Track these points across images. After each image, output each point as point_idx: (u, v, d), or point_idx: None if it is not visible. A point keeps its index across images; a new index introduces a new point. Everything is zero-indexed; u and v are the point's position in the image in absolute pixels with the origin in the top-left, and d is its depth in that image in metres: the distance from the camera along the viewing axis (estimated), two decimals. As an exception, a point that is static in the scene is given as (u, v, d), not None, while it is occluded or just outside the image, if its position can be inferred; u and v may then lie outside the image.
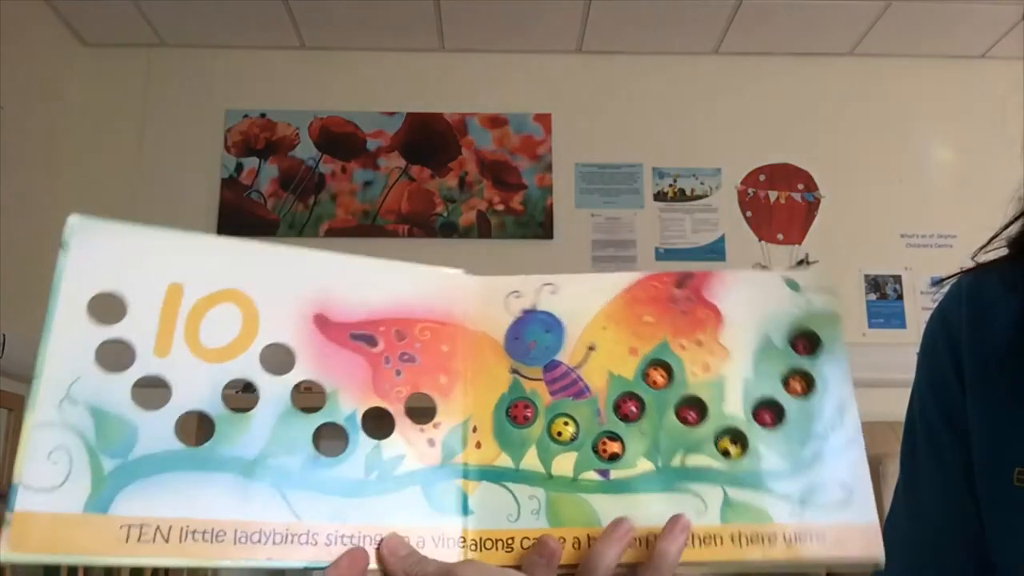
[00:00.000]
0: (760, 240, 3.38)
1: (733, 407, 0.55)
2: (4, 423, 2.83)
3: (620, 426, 0.55)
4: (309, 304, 0.53)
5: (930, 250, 3.35)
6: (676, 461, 0.54)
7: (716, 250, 3.37)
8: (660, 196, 3.41)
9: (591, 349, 0.56)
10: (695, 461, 0.54)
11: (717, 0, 3.18)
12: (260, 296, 0.52)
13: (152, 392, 0.50)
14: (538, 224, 3.34)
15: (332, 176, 3.36)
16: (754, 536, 0.52)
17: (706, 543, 0.52)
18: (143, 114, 3.40)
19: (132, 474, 0.47)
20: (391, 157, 3.39)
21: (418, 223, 3.33)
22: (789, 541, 0.52)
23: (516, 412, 0.55)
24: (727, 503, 0.53)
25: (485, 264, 0.55)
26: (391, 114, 3.43)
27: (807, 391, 0.56)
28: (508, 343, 0.56)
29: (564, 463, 0.54)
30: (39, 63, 3.17)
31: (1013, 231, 0.66)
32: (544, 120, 3.44)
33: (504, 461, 0.54)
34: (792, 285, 0.58)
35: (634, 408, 0.55)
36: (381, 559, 0.50)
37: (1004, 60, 3.44)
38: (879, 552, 0.52)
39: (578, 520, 0.53)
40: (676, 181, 3.43)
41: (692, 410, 0.55)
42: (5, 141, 2.89)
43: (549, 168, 3.40)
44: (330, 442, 0.53)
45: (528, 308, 0.57)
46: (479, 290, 0.57)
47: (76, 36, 3.38)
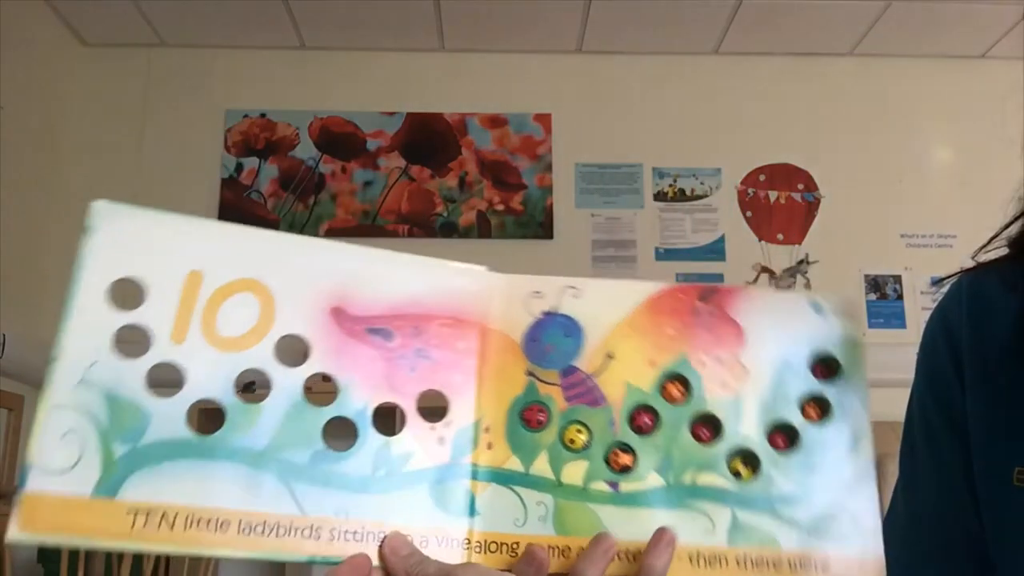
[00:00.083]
0: (760, 240, 3.38)
1: (748, 428, 0.54)
2: (4, 423, 2.83)
3: (634, 438, 0.54)
4: (327, 297, 0.52)
5: (930, 250, 3.35)
6: (687, 478, 0.53)
7: (716, 250, 3.37)
8: (660, 196, 3.41)
9: (610, 357, 0.55)
10: (706, 480, 0.53)
11: (717, 0, 3.18)
12: (279, 287, 0.52)
13: (166, 379, 0.50)
14: (538, 224, 3.34)
15: (332, 176, 3.36)
16: (760, 560, 0.51)
17: (711, 564, 0.51)
18: (143, 114, 3.40)
19: (142, 460, 0.47)
20: (391, 157, 3.39)
21: (418, 223, 3.33)
22: (794, 568, 0.51)
23: (530, 415, 0.54)
24: (735, 525, 0.52)
25: (485, 264, 0.55)
26: (391, 114, 3.43)
27: (823, 417, 0.55)
28: (526, 345, 0.55)
29: (574, 471, 0.53)
30: (39, 63, 3.17)
31: (1013, 231, 0.66)
32: (544, 120, 3.44)
33: (514, 464, 0.53)
34: (816, 308, 0.57)
35: (649, 421, 0.54)
36: (383, 557, 0.49)
37: (1004, 60, 3.44)
38: None
39: (584, 530, 0.52)
40: (676, 181, 3.43)
41: (707, 428, 0.54)
42: (5, 141, 2.89)
43: (549, 168, 3.40)
44: (339, 436, 0.52)
45: (549, 310, 0.56)
46: (501, 288, 0.56)
47: (76, 36, 3.38)
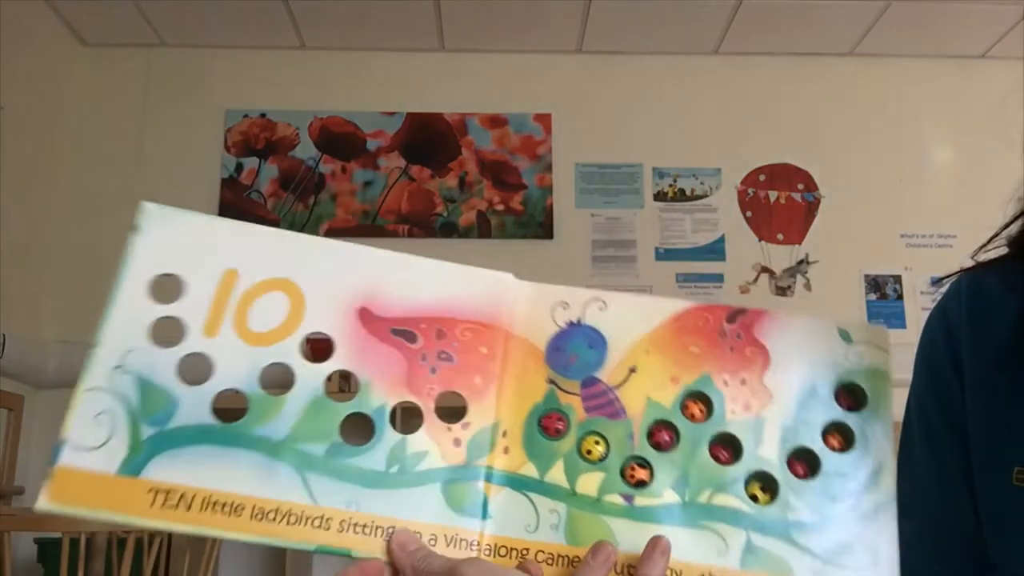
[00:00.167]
0: (760, 240, 3.39)
1: (768, 452, 0.54)
2: (4, 423, 2.83)
3: (651, 453, 0.54)
4: (355, 298, 0.55)
5: (930, 250, 3.35)
6: (703, 498, 0.53)
7: (716, 250, 3.37)
8: (660, 196, 3.41)
9: (632, 371, 0.55)
10: (722, 500, 0.53)
11: (717, 0, 3.18)
12: (309, 287, 0.54)
13: (196, 368, 0.52)
14: (538, 224, 3.34)
15: (332, 176, 3.36)
16: None
17: None
18: (143, 114, 3.40)
19: (167, 443, 0.50)
20: (391, 157, 3.40)
21: (418, 223, 3.34)
22: None
23: (548, 423, 0.54)
24: (749, 548, 0.52)
25: (485, 264, 0.55)
26: (391, 114, 3.43)
27: (845, 447, 0.54)
28: (549, 353, 0.56)
29: (590, 482, 0.53)
30: (39, 63, 3.17)
31: (1013, 230, 0.66)
32: (544, 120, 3.44)
33: (529, 470, 0.53)
34: (845, 336, 0.57)
35: (668, 437, 0.54)
36: (390, 552, 0.50)
37: (1004, 60, 3.44)
38: None
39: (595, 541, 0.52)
40: (676, 181, 3.43)
41: (726, 449, 0.54)
42: (5, 141, 2.89)
43: (549, 168, 3.40)
44: (357, 432, 0.53)
45: (574, 321, 0.56)
46: (527, 296, 0.57)
47: (76, 36, 3.38)
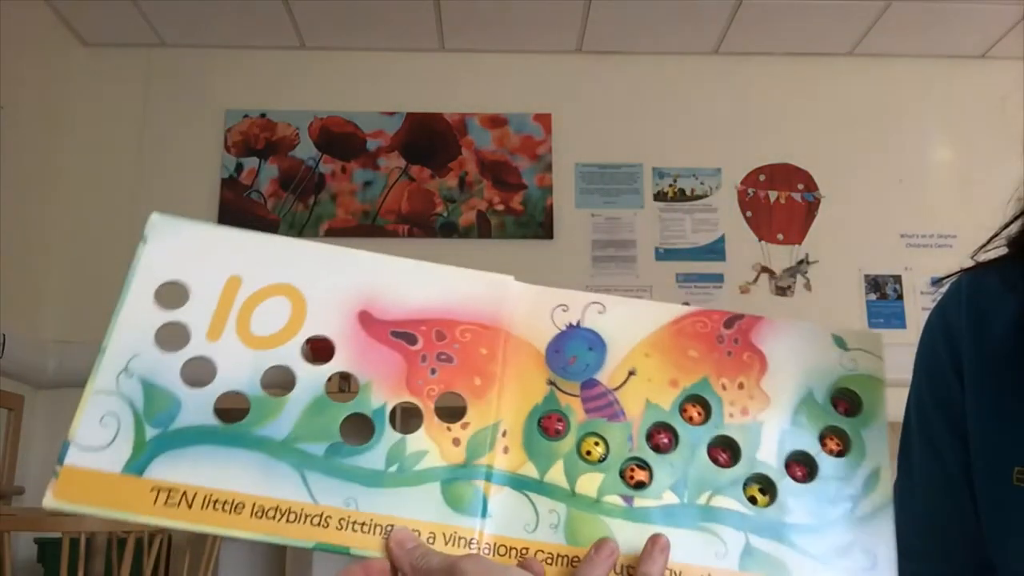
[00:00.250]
0: (760, 240, 3.39)
1: (766, 455, 0.55)
2: (4, 423, 2.83)
3: (651, 455, 0.54)
4: (356, 301, 0.56)
5: (930, 250, 3.35)
6: (702, 499, 0.53)
7: (716, 250, 3.37)
8: (660, 196, 3.41)
9: (631, 374, 0.56)
10: (721, 502, 0.53)
11: (717, 0, 3.18)
12: (310, 291, 0.56)
13: (200, 372, 0.54)
14: (538, 224, 3.34)
15: (332, 176, 3.36)
16: None
17: None
18: (143, 114, 3.40)
19: (170, 443, 0.51)
20: (391, 157, 3.40)
21: (418, 223, 3.34)
22: None
23: (548, 424, 0.55)
24: (748, 550, 0.52)
25: (485, 264, 0.55)
26: (391, 114, 3.43)
27: (843, 452, 0.55)
28: (549, 355, 0.56)
29: (589, 483, 0.53)
30: (39, 63, 3.17)
31: (1013, 230, 0.66)
32: (544, 120, 3.44)
33: (529, 471, 0.53)
34: (840, 343, 0.58)
35: (666, 440, 0.55)
36: (389, 550, 0.50)
37: (1004, 60, 3.44)
38: None
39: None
40: (676, 181, 3.43)
41: (724, 451, 0.55)
42: (5, 141, 2.89)
43: (549, 168, 3.40)
44: (357, 432, 0.54)
45: (573, 323, 0.57)
46: (527, 298, 0.58)
47: (76, 36, 3.38)
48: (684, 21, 3.30)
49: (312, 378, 0.54)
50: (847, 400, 0.57)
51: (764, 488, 0.54)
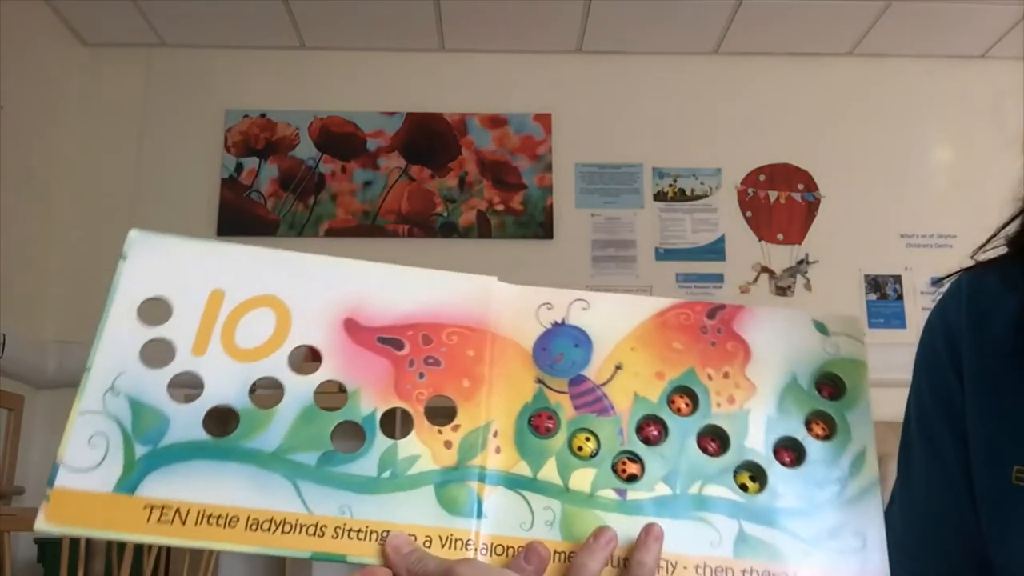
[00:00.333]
0: (760, 240, 3.39)
1: (754, 442, 0.55)
2: (4, 423, 2.83)
3: (641, 448, 0.55)
4: (341, 309, 0.56)
5: (930, 250, 3.35)
6: (694, 489, 0.54)
7: (716, 250, 3.37)
8: (660, 196, 3.41)
9: (618, 368, 0.57)
10: (713, 491, 0.54)
11: (717, 0, 3.18)
12: (294, 301, 0.56)
13: (186, 387, 0.54)
14: (538, 224, 3.34)
15: (332, 176, 3.36)
16: (765, 574, 0.52)
17: (717, 575, 0.52)
18: (143, 114, 3.40)
19: (160, 460, 0.51)
20: (391, 157, 3.40)
21: (418, 223, 3.34)
22: None
23: (539, 422, 0.55)
24: (741, 537, 0.53)
25: (485, 264, 0.56)
26: (391, 114, 3.43)
27: (828, 435, 0.56)
28: (536, 353, 0.57)
29: (582, 478, 0.54)
30: (39, 63, 3.17)
31: (1012, 229, 0.66)
32: (544, 120, 3.44)
33: (522, 469, 0.54)
34: (821, 328, 0.59)
35: (656, 432, 0.56)
36: (385, 556, 0.50)
37: (1004, 60, 3.44)
38: None
39: None
40: (676, 181, 3.43)
41: (713, 441, 0.56)
42: (5, 141, 2.89)
43: (549, 168, 3.40)
44: (348, 440, 0.54)
45: (558, 321, 0.58)
46: (512, 298, 0.58)
47: (76, 36, 3.38)
48: (684, 21, 3.30)
49: (300, 388, 0.54)
50: (831, 384, 0.57)
51: (754, 475, 0.55)
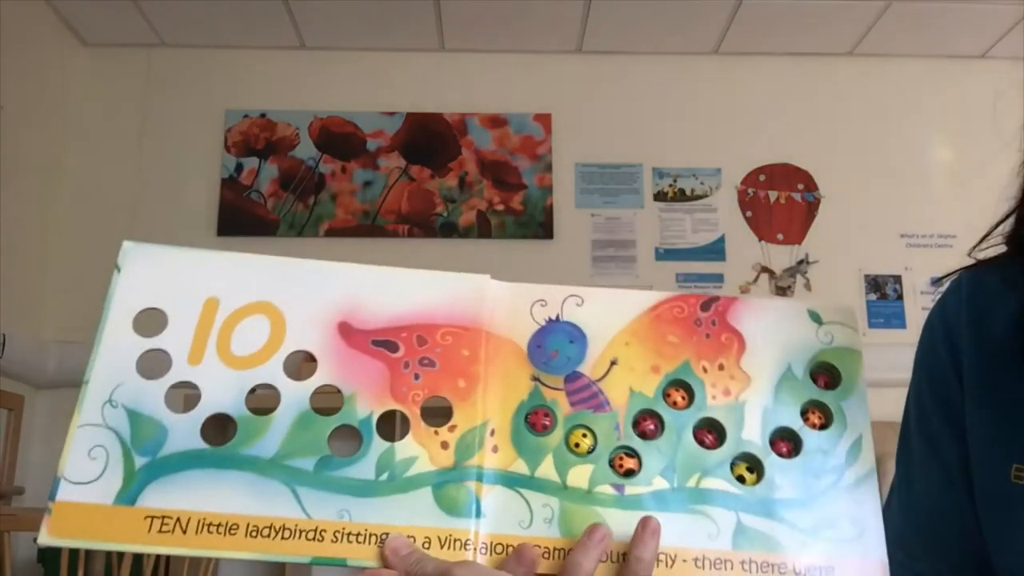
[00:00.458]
0: (760, 240, 3.39)
1: (751, 433, 0.55)
2: (4, 423, 2.83)
3: (638, 443, 0.55)
4: (334, 313, 0.56)
5: (930, 250, 3.35)
6: (691, 482, 0.54)
7: (716, 250, 3.37)
8: (660, 196, 3.41)
9: (613, 364, 0.57)
10: (710, 484, 0.54)
11: (717, 0, 3.18)
12: (288, 307, 0.56)
13: (183, 396, 0.54)
14: (538, 224, 3.34)
15: (332, 176, 3.36)
16: (764, 565, 0.52)
17: (716, 568, 0.52)
18: (143, 114, 3.40)
19: (159, 470, 0.52)
20: (391, 157, 3.40)
21: (418, 223, 3.34)
22: (798, 573, 0.52)
23: (535, 420, 0.55)
24: (740, 529, 0.53)
25: (485, 264, 0.56)
26: (391, 114, 3.43)
27: (824, 425, 0.56)
28: (531, 350, 0.57)
29: (580, 475, 0.54)
30: (39, 63, 3.17)
31: (1007, 227, 0.66)
32: (544, 120, 3.44)
33: (520, 467, 0.54)
34: (815, 318, 0.59)
35: (652, 426, 0.56)
36: (384, 558, 0.51)
37: (1004, 60, 3.44)
38: None
39: None
40: (676, 181, 3.43)
41: (710, 433, 0.56)
42: (5, 141, 2.89)
43: (549, 168, 3.40)
44: (346, 443, 0.55)
45: (552, 318, 0.58)
46: (506, 296, 0.58)
47: (76, 36, 3.38)
48: (684, 21, 3.30)
49: (296, 394, 0.54)
50: (826, 373, 0.58)
51: (751, 466, 0.55)
